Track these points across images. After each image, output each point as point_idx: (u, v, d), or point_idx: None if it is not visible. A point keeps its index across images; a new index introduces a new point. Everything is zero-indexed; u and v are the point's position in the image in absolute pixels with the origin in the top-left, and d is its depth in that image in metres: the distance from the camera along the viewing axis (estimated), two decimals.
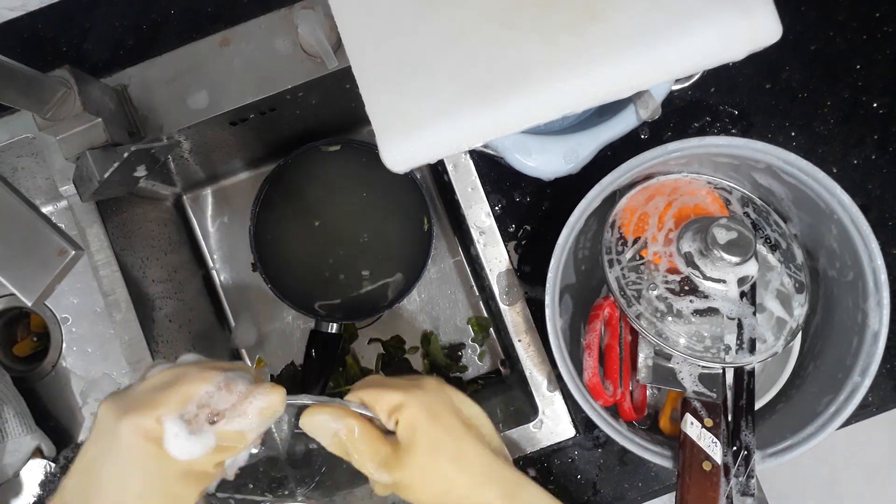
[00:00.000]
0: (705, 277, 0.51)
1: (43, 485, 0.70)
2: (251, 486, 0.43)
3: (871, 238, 0.51)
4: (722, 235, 0.49)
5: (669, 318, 0.51)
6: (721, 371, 0.54)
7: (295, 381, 0.77)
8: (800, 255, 0.56)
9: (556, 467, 0.63)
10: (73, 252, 0.42)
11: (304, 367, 0.73)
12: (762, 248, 0.55)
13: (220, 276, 0.80)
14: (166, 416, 0.36)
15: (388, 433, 0.41)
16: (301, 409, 0.41)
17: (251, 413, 0.38)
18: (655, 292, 0.52)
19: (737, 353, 0.51)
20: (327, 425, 0.41)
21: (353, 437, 0.40)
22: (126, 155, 0.52)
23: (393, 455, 0.40)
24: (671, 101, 0.66)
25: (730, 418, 0.53)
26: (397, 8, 0.42)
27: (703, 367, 0.54)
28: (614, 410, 0.57)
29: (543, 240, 0.65)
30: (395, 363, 0.77)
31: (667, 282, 0.52)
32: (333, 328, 0.72)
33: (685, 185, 0.56)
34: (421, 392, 0.41)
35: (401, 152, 0.42)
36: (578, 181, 0.55)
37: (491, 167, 0.65)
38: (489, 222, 0.61)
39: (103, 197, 0.55)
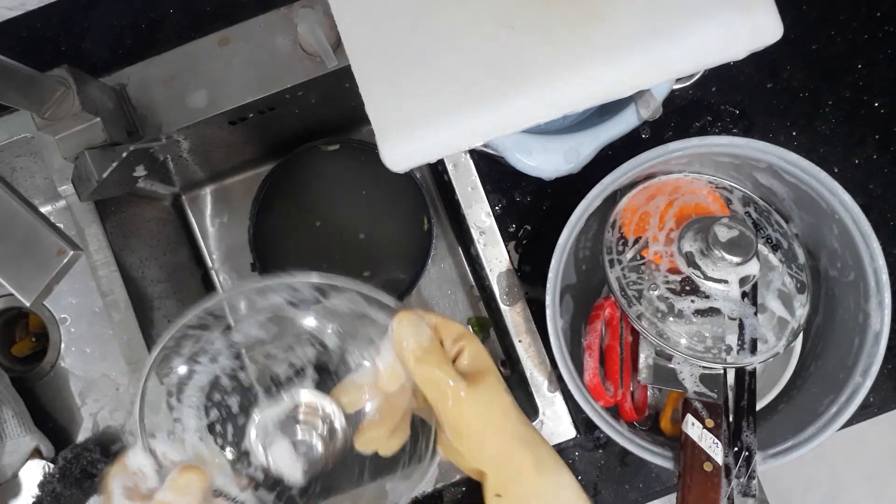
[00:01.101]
0: (706, 277, 0.51)
1: (41, 485, 0.69)
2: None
3: (873, 238, 0.51)
4: (723, 235, 0.49)
5: (670, 319, 0.51)
6: (722, 371, 0.54)
7: None
8: (801, 255, 0.56)
9: None
10: (72, 252, 0.42)
11: None
12: (763, 248, 0.55)
13: (219, 277, 0.79)
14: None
15: None
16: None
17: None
18: (656, 292, 0.52)
19: (738, 353, 0.51)
20: (421, 326, 0.39)
21: (437, 342, 0.39)
22: (125, 154, 0.52)
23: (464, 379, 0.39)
24: (672, 100, 0.66)
25: (731, 419, 0.53)
26: (397, 7, 0.42)
27: (705, 367, 0.53)
28: (615, 411, 0.56)
29: (544, 240, 0.65)
30: None
31: (668, 282, 0.52)
32: None
33: (686, 185, 0.56)
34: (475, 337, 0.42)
35: (401, 152, 0.42)
36: (579, 181, 0.54)
37: (491, 167, 0.65)
38: (489, 222, 0.61)
39: (102, 197, 0.55)
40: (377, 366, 0.41)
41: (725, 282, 0.51)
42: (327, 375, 0.42)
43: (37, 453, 0.72)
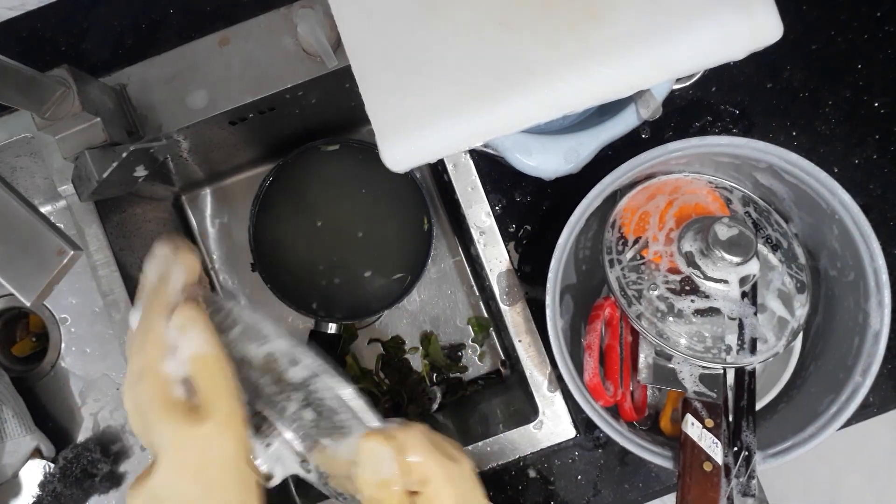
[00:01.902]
0: (706, 277, 0.51)
1: (42, 485, 0.69)
2: None
3: (873, 238, 0.51)
4: (723, 235, 0.49)
5: (670, 318, 0.51)
6: (722, 371, 0.54)
7: None
8: (801, 255, 0.56)
9: (556, 468, 0.63)
10: (72, 252, 0.42)
11: None
12: (763, 248, 0.55)
13: (219, 277, 0.79)
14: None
15: None
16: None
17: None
18: (656, 292, 0.52)
19: (738, 353, 0.51)
20: (385, 460, 0.36)
21: (398, 480, 0.36)
22: (125, 154, 0.52)
23: None
24: (672, 100, 0.66)
25: (731, 419, 0.53)
26: (397, 7, 0.42)
27: (704, 367, 0.53)
28: (615, 411, 0.57)
29: (544, 240, 0.65)
30: (395, 363, 0.77)
31: (667, 282, 0.52)
32: (333, 328, 0.72)
33: (686, 185, 0.56)
34: (455, 477, 0.37)
35: (401, 152, 0.42)
36: (579, 181, 0.54)
37: (491, 167, 0.65)
38: (489, 222, 0.61)
39: (102, 197, 0.55)
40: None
41: (725, 282, 0.51)
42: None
43: (37, 453, 0.72)
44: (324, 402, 0.39)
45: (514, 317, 0.61)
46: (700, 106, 0.66)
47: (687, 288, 0.52)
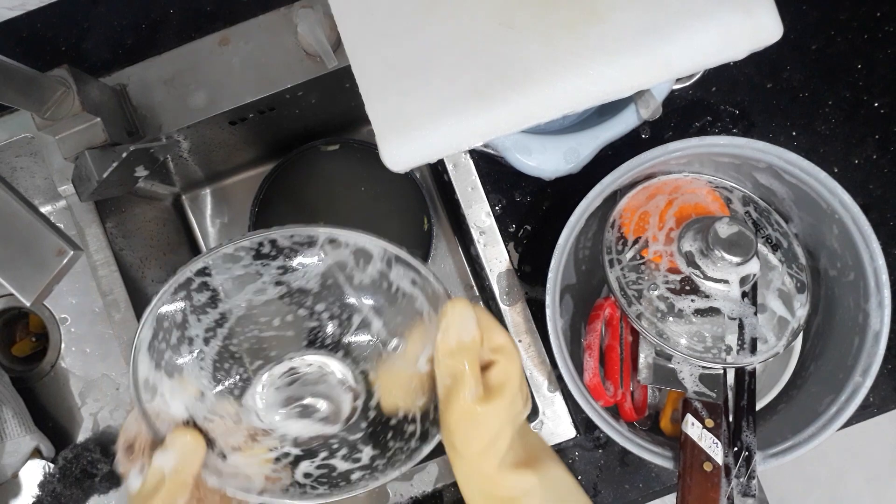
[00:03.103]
0: (706, 277, 0.51)
1: (42, 485, 0.69)
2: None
3: (873, 238, 0.51)
4: (723, 234, 0.49)
5: (670, 318, 0.51)
6: (722, 371, 0.54)
7: None
8: (801, 255, 0.56)
9: None
10: (72, 252, 0.42)
11: None
12: (763, 248, 0.55)
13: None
14: None
15: None
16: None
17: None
18: (656, 292, 0.52)
19: (738, 353, 0.51)
20: (470, 322, 0.37)
21: (477, 345, 0.37)
22: (125, 155, 0.52)
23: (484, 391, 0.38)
24: (672, 100, 0.66)
25: (731, 419, 0.53)
26: (397, 7, 0.42)
27: (704, 367, 0.53)
28: (615, 411, 0.57)
29: (544, 240, 0.65)
30: None
31: (668, 282, 0.52)
32: None
33: (686, 185, 0.56)
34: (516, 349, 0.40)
35: (401, 152, 0.42)
36: (579, 181, 0.54)
37: (491, 167, 0.65)
38: (489, 222, 0.61)
39: (102, 197, 0.55)
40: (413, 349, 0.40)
41: (725, 281, 0.51)
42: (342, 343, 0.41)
43: (37, 453, 0.72)
44: (400, 290, 0.39)
45: (514, 317, 0.61)
46: (700, 106, 0.66)
47: (687, 288, 0.52)
